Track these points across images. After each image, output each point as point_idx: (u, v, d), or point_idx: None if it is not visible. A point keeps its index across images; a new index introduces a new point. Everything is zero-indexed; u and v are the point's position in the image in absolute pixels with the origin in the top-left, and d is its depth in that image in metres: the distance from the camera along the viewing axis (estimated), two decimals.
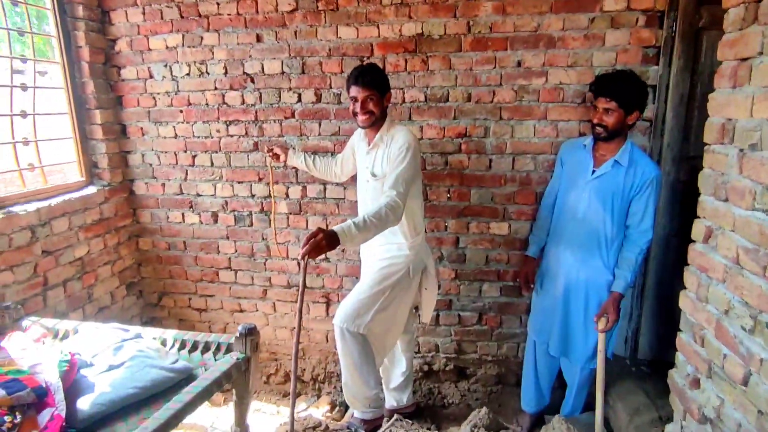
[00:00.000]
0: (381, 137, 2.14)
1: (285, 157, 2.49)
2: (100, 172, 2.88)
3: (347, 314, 2.13)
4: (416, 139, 2.14)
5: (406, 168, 2.00)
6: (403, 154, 2.02)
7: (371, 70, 2.09)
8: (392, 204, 1.89)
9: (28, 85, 2.52)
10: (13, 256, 2.27)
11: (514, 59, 2.42)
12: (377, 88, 2.07)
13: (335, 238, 1.75)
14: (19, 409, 1.41)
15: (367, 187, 2.23)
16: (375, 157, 2.17)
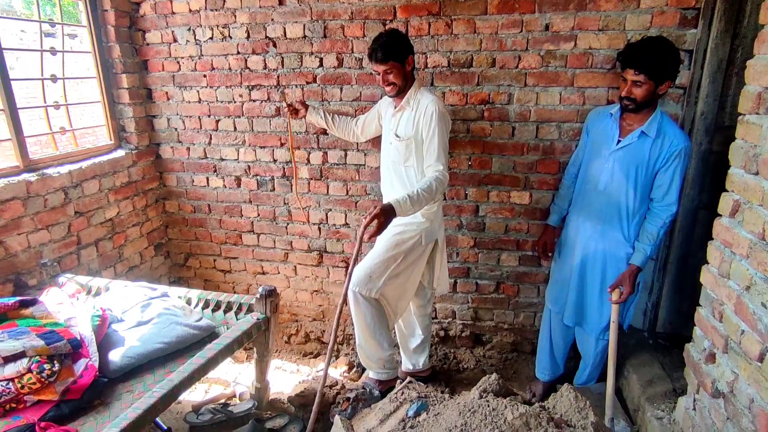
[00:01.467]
0: (408, 100, 2.16)
1: (305, 113, 2.51)
2: (127, 136, 2.95)
3: (360, 279, 2.17)
4: (443, 104, 2.13)
5: (440, 138, 2.06)
6: (435, 125, 2.05)
7: (385, 44, 2.06)
8: (441, 178, 1.99)
9: (57, 49, 2.57)
10: (49, 216, 2.38)
11: (541, 22, 2.32)
12: (396, 59, 2.06)
13: (392, 212, 1.86)
14: (57, 358, 1.51)
15: (389, 149, 2.25)
16: (400, 119, 2.19)
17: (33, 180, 2.29)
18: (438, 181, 1.99)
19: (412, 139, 2.13)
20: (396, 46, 2.07)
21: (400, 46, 2.08)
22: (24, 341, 1.48)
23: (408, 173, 2.22)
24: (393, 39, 2.09)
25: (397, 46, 2.07)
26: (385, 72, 2.09)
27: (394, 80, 2.10)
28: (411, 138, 2.13)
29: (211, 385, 2.47)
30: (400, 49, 2.08)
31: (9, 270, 2.18)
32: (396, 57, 2.06)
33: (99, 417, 1.51)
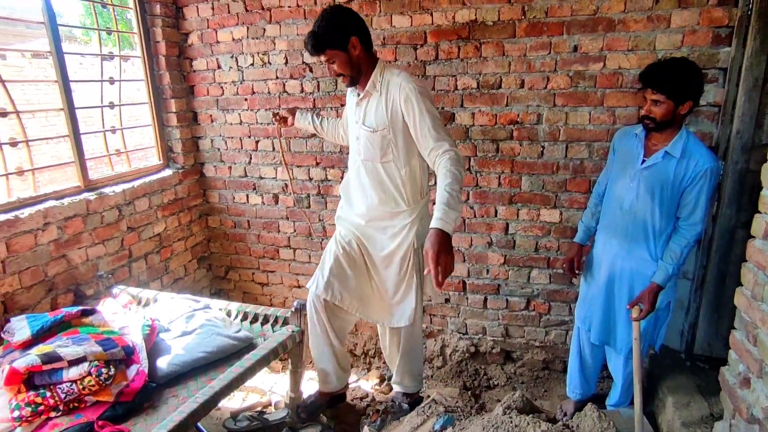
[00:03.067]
0: (373, 84, 1.84)
1: (293, 120, 2.38)
2: (175, 156, 3.16)
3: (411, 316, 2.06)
4: (417, 78, 1.94)
5: (431, 113, 1.77)
6: (419, 103, 1.75)
7: (315, 34, 1.75)
8: (455, 157, 1.72)
9: (115, 78, 2.81)
10: (105, 232, 2.58)
11: (570, 44, 2.36)
12: (333, 46, 1.75)
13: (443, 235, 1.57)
14: (113, 364, 1.66)
15: (358, 145, 1.95)
16: (367, 108, 1.89)
17: (92, 199, 2.50)
18: (455, 163, 1.70)
19: (389, 128, 1.81)
20: (330, 32, 1.73)
21: (335, 31, 1.74)
22: (85, 347, 1.63)
23: (387, 172, 1.90)
24: (326, 24, 1.74)
25: (332, 31, 1.74)
26: (327, 63, 1.81)
27: (340, 71, 1.81)
28: (387, 127, 1.81)
29: (249, 394, 2.59)
30: (337, 34, 1.74)
31: (70, 281, 2.38)
32: (333, 44, 1.75)
33: (148, 419, 1.63)
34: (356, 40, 1.77)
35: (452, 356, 2.88)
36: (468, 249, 2.80)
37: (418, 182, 1.98)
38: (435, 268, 1.53)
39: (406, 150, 1.88)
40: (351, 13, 1.80)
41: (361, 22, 1.81)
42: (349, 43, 1.77)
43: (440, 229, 1.57)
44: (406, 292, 2.06)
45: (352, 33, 1.76)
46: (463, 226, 2.77)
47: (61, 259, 2.35)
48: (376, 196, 1.95)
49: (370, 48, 1.87)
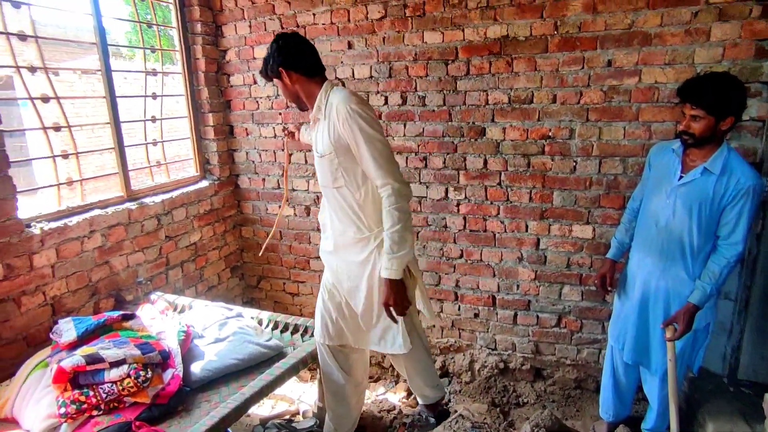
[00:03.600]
0: (318, 109, 1.80)
1: (298, 134, 2.39)
2: (211, 168, 3.28)
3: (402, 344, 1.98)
4: (358, 98, 1.74)
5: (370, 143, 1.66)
6: (354, 130, 1.66)
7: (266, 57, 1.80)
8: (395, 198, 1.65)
9: (157, 94, 2.95)
10: (144, 240, 2.69)
11: (603, 59, 2.34)
12: (270, 75, 1.81)
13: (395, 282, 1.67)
14: (150, 367, 1.72)
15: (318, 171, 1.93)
16: (317, 134, 1.86)
17: (134, 208, 2.61)
18: (396, 205, 1.64)
19: (334, 153, 1.75)
20: (266, 62, 1.80)
21: (269, 61, 1.79)
22: (125, 350, 1.71)
23: (343, 197, 1.83)
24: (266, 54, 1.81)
25: (268, 60, 1.80)
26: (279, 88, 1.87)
27: (287, 98, 1.87)
28: (333, 152, 1.75)
29: (277, 402, 2.62)
30: (270, 65, 1.79)
31: (112, 286, 2.49)
32: (270, 73, 1.81)
33: (182, 422, 1.69)
34: (282, 71, 1.77)
35: (481, 372, 2.84)
36: (498, 264, 2.78)
37: (378, 205, 1.80)
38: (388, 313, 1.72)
39: (354, 173, 1.78)
40: (284, 42, 1.78)
41: (292, 51, 1.77)
42: (282, 74, 1.78)
43: (388, 278, 1.66)
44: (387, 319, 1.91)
45: (280, 64, 1.77)
46: (493, 241, 2.76)
47: (104, 266, 2.46)
48: (338, 223, 1.88)
49: (313, 72, 1.81)
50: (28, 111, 8.37)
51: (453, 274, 2.89)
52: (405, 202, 1.68)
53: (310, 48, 1.82)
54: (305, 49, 1.80)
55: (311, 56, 1.81)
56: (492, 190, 2.70)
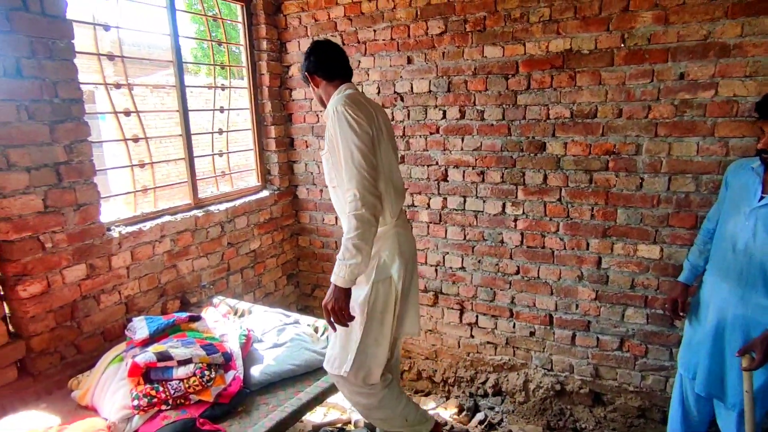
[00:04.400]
0: (327, 112, 1.82)
1: None
2: (272, 179, 3.41)
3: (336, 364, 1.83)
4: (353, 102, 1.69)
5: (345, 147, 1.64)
6: (336, 132, 1.66)
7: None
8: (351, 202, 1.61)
9: (224, 107, 3.12)
10: (209, 246, 2.83)
11: (675, 71, 2.25)
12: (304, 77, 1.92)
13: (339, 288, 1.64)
14: (213, 367, 1.80)
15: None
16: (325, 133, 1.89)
17: (200, 215, 2.76)
18: (355, 212, 1.59)
19: (329, 153, 1.79)
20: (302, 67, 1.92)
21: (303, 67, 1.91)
22: (192, 350, 1.79)
23: (337, 196, 1.87)
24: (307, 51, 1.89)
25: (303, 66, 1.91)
26: None
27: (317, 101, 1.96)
28: (327, 152, 1.79)
29: (329, 410, 2.65)
30: (304, 70, 1.90)
31: (178, 289, 2.63)
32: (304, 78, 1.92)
33: (242, 422, 1.74)
34: (308, 75, 1.89)
35: (536, 392, 2.75)
36: (556, 282, 2.70)
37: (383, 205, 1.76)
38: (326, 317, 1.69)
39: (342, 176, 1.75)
40: (311, 49, 1.87)
41: (316, 57, 1.85)
42: (308, 78, 1.90)
43: (332, 282, 1.66)
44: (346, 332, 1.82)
45: (306, 69, 1.88)
46: (552, 258, 2.68)
47: (172, 269, 2.61)
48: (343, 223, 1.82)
49: (332, 76, 1.86)
50: (105, 123, 9.08)
51: (508, 290, 2.83)
52: (366, 212, 1.60)
53: (335, 53, 1.87)
54: (328, 55, 1.86)
55: (332, 61, 1.86)
56: (551, 206, 2.64)
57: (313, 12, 3.12)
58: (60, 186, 2.03)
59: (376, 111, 1.83)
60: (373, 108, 1.82)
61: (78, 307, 2.13)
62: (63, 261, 2.06)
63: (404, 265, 1.82)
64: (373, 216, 1.62)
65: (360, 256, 1.62)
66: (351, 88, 1.84)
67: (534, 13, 2.49)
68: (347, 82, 1.89)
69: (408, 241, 1.91)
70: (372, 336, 1.79)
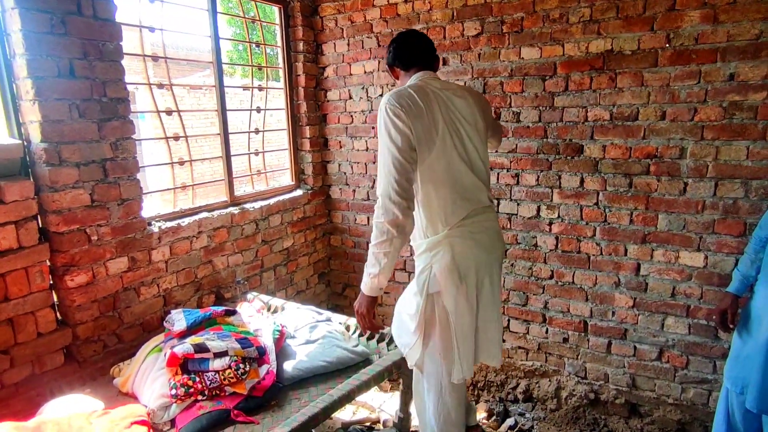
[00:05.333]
0: None
1: None
2: (306, 178, 3.45)
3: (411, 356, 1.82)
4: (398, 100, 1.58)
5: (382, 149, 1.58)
6: (378, 129, 1.62)
7: None
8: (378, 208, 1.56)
9: (261, 107, 3.18)
10: (244, 243, 2.88)
11: (724, 72, 2.16)
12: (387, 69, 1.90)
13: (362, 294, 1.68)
14: (248, 361, 1.83)
15: None
16: None
17: (236, 213, 2.82)
18: (377, 220, 1.55)
19: None
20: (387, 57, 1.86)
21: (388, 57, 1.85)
22: (228, 343, 1.84)
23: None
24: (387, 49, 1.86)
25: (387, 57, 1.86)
26: None
27: None
28: None
29: (359, 408, 2.66)
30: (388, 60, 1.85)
31: (213, 284, 2.70)
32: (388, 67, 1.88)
33: (275, 416, 1.77)
34: (388, 66, 1.85)
35: (568, 400, 2.69)
36: (592, 287, 2.63)
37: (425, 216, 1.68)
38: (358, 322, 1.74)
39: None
40: (393, 40, 1.83)
41: (395, 48, 1.80)
42: (391, 71, 1.87)
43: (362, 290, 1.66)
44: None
45: (387, 61, 1.84)
46: (587, 263, 2.62)
47: (208, 264, 2.67)
48: None
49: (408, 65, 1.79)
50: (144, 123, 9.41)
51: (542, 295, 2.78)
52: (385, 221, 1.52)
53: (413, 40, 1.81)
54: (404, 44, 1.81)
55: (409, 49, 1.79)
56: (588, 210, 2.58)
57: (350, 14, 3.15)
58: (106, 181, 2.12)
59: (438, 103, 1.65)
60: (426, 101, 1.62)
61: (120, 298, 2.21)
62: (107, 253, 2.15)
63: (459, 279, 1.64)
64: (394, 226, 1.53)
65: (378, 267, 1.57)
66: (421, 77, 1.73)
67: (574, 14, 2.44)
68: (425, 70, 1.77)
69: (468, 250, 1.67)
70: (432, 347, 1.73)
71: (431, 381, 1.80)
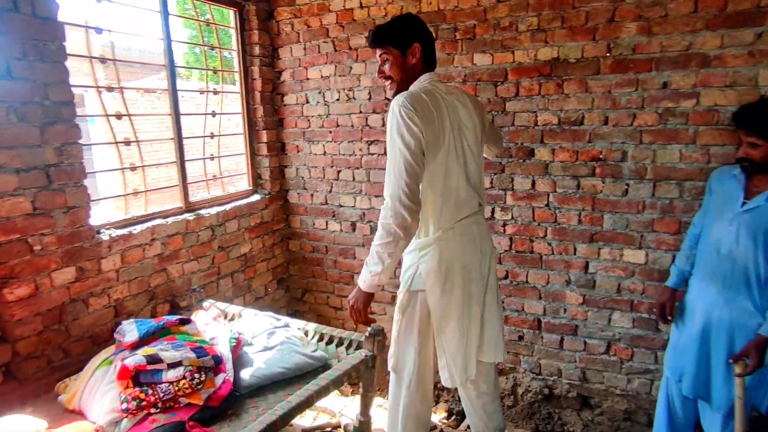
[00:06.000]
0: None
1: None
2: (263, 183, 3.41)
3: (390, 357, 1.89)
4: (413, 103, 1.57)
5: (391, 151, 1.59)
6: (390, 133, 1.59)
7: (382, 27, 1.71)
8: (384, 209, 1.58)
9: (216, 112, 3.13)
10: (199, 250, 2.82)
11: (659, 81, 2.31)
12: (394, 44, 1.67)
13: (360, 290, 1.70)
14: (204, 370, 1.80)
15: None
16: None
17: (191, 219, 2.76)
18: (383, 221, 1.56)
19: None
20: (397, 29, 1.68)
21: (402, 30, 1.67)
22: (182, 352, 1.79)
23: None
24: (395, 22, 1.71)
25: (400, 29, 1.68)
26: (381, 60, 1.72)
27: (390, 72, 1.71)
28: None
29: (319, 414, 2.65)
30: (402, 34, 1.67)
31: (168, 292, 2.62)
32: (394, 42, 1.67)
33: (231, 425, 1.74)
34: (418, 47, 1.68)
35: (524, 396, 2.77)
36: (544, 286, 2.73)
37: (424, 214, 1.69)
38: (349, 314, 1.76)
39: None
40: (422, 23, 1.73)
41: (428, 35, 1.73)
42: (410, 48, 1.68)
43: (358, 285, 1.69)
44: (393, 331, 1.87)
45: (417, 40, 1.68)
46: (540, 263, 2.72)
47: (162, 272, 2.60)
48: None
49: (432, 64, 1.76)
50: (94, 127, 9.02)
51: None
52: (393, 223, 1.55)
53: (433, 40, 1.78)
54: (431, 41, 1.75)
55: (433, 49, 1.77)
56: (539, 211, 2.68)
57: (306, 18, 3.15)
58: (50, 188, 2.03)
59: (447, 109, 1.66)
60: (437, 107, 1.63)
61: (66, 310, 2.11)
62: (52, 264, 2.05)
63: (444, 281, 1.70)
64: (401, 229, 1.55)
65: (381, 266, 1.60)
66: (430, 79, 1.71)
67: (522, 22, 2.54)
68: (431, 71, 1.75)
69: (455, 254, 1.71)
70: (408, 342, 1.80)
71: (402, 375, 1.86)
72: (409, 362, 1.81)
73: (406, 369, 1.83)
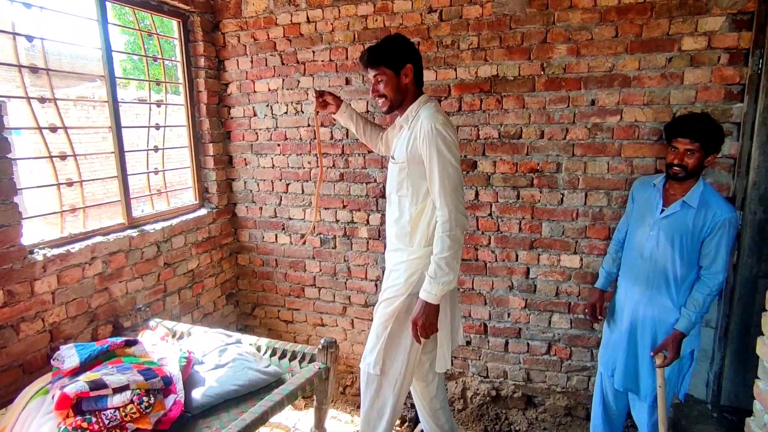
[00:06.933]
0: (406, 118, 1.86)
1: (335, 109, 2.20)
2: (210, 197, 3.35)
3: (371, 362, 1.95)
4: (446, 119, 1.77)
5: (441, 166, 1.70)
6: (431, 149, 1.70)
7: (377, 47, 1.81)
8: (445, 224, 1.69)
9: (160, 124, 3.04)
10: (144, 267, 2.73)
11: (587, 98, 2.51)
12: (387, 65, 1.78)
13: (429, 305, 1.72)
14: (152, 393, 1.75)
15: (388, 173, 1.98)
16: (398, 141, 1.90)
17: (135, 235, 2.66)
18: (449, 233, 1.68)
19: (406, 163, 1.80)
20: (390, 51, 1.79)
21: (395, 51, 1.79)
22: (128, 376, 1.73)
23: (401, 204, 1.87)
24: (389, 43, 1.82)
25: (393, 50, 1.79)
26: (375, 80, 1.83)
27: (384, 91, 1.81)
28: (405, 161, 1.80)
29: (273, 429, 2.62)
30: (396, 55, 1.79)
31: (110, 313, 2.51)
32: (387, 62, 1.78)
33: None
34: (411, 68, 1.81)
35: (473, 399, 2.88)
36: (489, 292, 2.86)
37: (426, 228, 1.83)
38: (414, 333, 1.77)
39: (418, 188, 1.81)
40: (412, 44, 1.87)
41: (419, 57, 1.87)
42: (403, 69, 1.80)
43: (422, 299, 1.73)
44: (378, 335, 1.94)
45: (409, 61, 1.81)
46: (485, 270, 2.85)
47: (104, 292, 2.49)
48: (393, 229, 1.92)
49: (420, 84, 1.90)
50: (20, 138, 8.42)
51: None
52: (459, 232, 1.71)
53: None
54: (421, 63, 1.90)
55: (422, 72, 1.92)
56: (483, 220, 2.81)
57: (252, 31, 3.14)
58: None
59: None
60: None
61: None
62: None
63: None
64: (463, 235, 1.74)
65: (453, 274, 1.71)
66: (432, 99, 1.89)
67: (464, 41, 2.67)
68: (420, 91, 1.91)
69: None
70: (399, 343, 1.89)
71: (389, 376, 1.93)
72: (398, 363, 1.91)
73: (393, 370, 1.92)
